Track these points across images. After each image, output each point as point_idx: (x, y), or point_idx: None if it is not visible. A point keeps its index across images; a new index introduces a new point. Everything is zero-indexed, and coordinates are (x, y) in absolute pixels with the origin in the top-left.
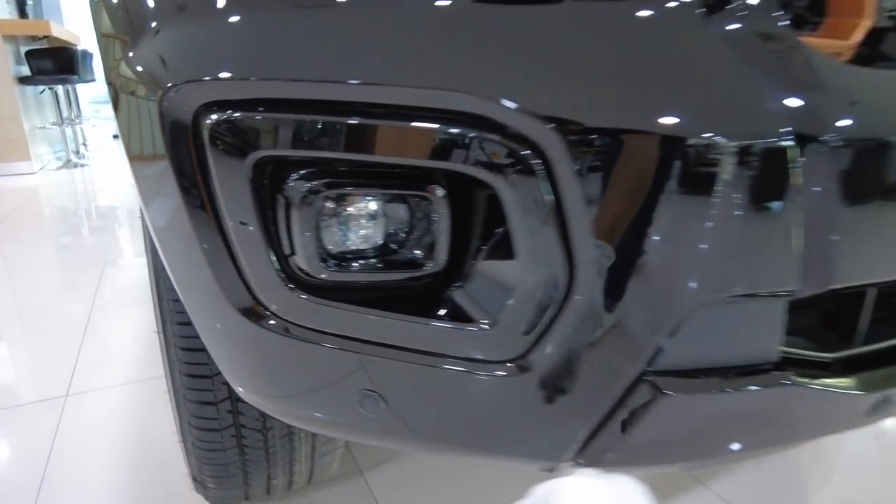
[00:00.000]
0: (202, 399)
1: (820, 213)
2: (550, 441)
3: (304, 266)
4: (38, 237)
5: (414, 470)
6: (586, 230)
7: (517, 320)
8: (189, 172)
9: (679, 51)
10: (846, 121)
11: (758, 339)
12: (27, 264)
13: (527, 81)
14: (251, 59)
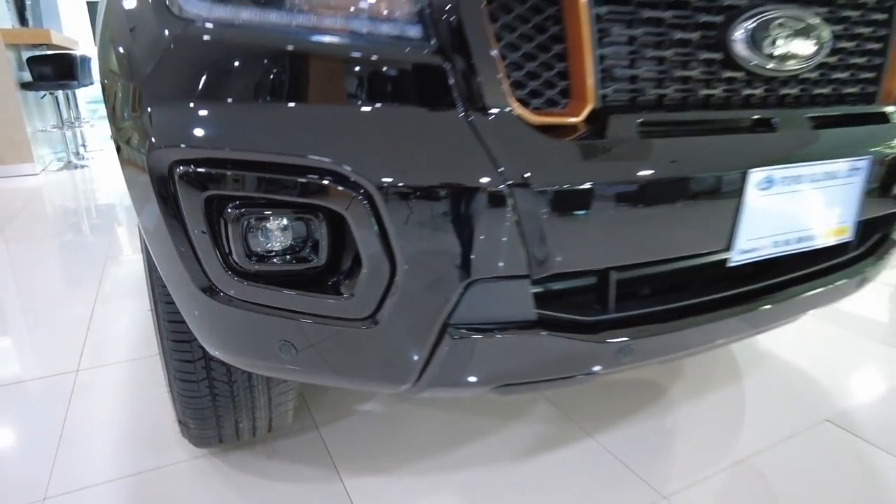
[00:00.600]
0: (183, 358)
1: (532, 229)
2: (396, 373)
3: (237, 261)
4: (44, 235)
5: (362, 426)
6: (398, 242)
7: (366, 294)
8: (166, 198)
9: (448, 139)
10: (543, 175)
11: (517, 304)
12: (36, 260)
13: (358, 157)
14: (202, 136)
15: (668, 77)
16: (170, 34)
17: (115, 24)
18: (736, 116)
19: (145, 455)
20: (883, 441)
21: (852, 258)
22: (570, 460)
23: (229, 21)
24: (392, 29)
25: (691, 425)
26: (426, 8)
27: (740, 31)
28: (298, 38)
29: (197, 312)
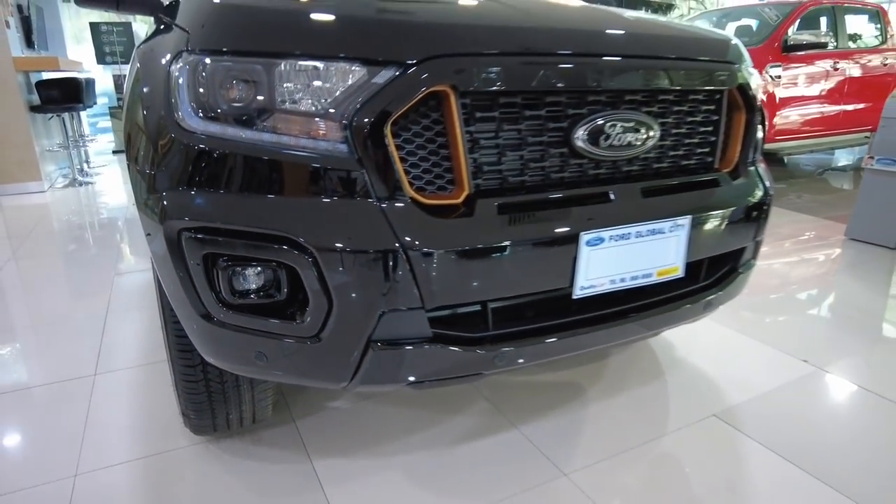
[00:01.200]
0: (186, 363)
1: (422, 277)
2: (339, 370)
3: (225, 296)
4: (56, 253)
5: (330, 419)
6: (333, 286)
7: (312, 320)
8: (175, 252)
9: (365, 219)
10: (426, 242)
11: (418, 326)
12: (50, 276)
13: (305, 230)
14: (201, 213)
15: (525, 168)
16: (177, 141)
17: (137, 121)
18: (578, 193)
19: (155, 441)
20: (758, 434)
21: (698, 288)
22: (495, 446)
23: (219, 135)
24: (328, 146)
25: (600, 418)
26: (350, 132)
27: (580, 132)
28: (266, 149)
29: (197, 330)
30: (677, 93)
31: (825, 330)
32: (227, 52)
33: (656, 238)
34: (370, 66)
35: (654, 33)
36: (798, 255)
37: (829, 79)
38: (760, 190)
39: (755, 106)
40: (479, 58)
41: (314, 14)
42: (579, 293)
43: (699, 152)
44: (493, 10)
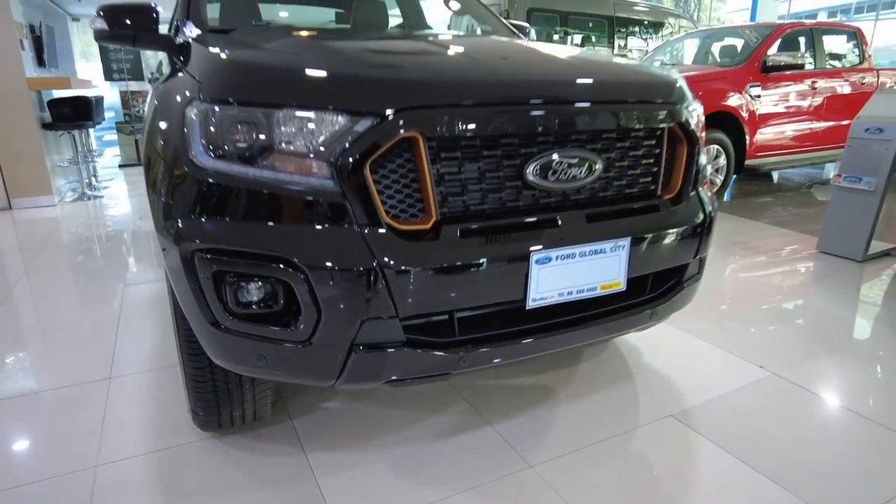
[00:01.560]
0: (196, 365)
1: (396, 291)
2: (327, 371)
3: (231, 307)
4: (68, 265)
5: (323, 417)
6: (321, 299)
7: (304, 328)
8: (189, 270)
9: (348, 242)
10: (398, 261)
11: (394, 332)
12: (64, 288)
13: (298, 251)
14: (211, 237)
15: (484, 198)
16: (191, 175)
17: (156, 152)
18: (530, 219)
19: (167, 436)
20: (710, 433)
21: (643, 300)
22: (471, 441)
23: (226, 171)
24: (318, 182)
25: (566, 418)
26: (336, 170)
27: (531, 168)
28: (266, 183)
29: (206, 336)
30: (620, 131)
31: (785, 338)
32: (232, 103)
33: (598, 257)
34: (353, 116)
35: (599, 80)
36: (770, 267)
37: (807, 97)
38: (700, 214)
39: (696, 140)
40: (443, 109)
41: (306, 71)
42: (532, 304)
43: (642, 182)
44: (454, 66)
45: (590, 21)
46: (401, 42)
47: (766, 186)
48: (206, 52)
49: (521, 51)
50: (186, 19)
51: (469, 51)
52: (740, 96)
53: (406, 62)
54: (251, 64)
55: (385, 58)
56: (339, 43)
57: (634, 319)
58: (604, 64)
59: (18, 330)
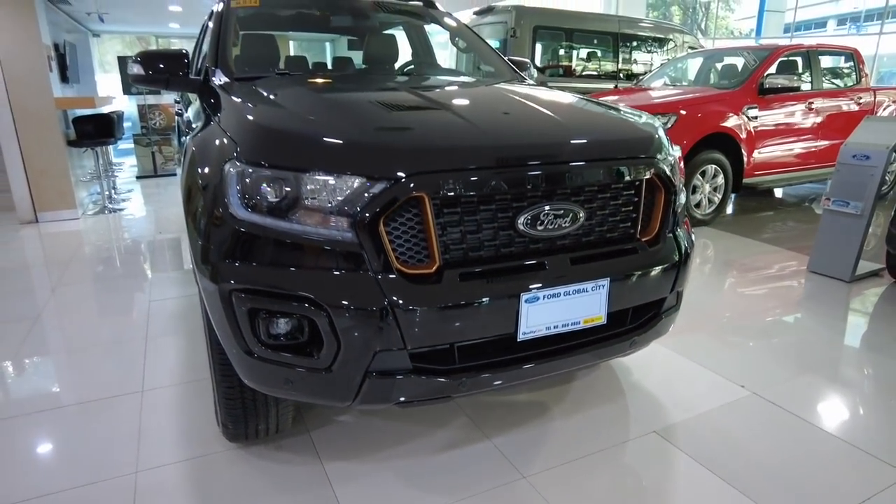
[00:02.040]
0: (227, 384)
1: (405, 327)
2: (345, 394)
3: (262, 338)
4: (94, 279)
5: (338, 430)
6: (341, 332)
7: (325, 357)
8: (227, 306)
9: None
10: (406, 301)
11: (402, 361)
12: (92, 303)
13: (321, 292)
14: (244, 278)
15: (481, 246)
16: (228, 224)
17: (197, 199)
18: (520, 263)
19: (197, 446)
20: (689, 448)
21: (623, 331)
22: (470, 454)
23: (259, 223)
24: (338, 234)
25: (559, 432)
26: (354, 224)
27: (522, 219)
28: (294, 234)
29: (240, 362)
30: (602, 184)
31: (768, 358)
32: (266, 165)
33: (581, 295)
34: (369, 179)
35: (585, 140)
36: (760, 287)
37: (804, 118)
38: (676, 253)
39: (672, 187)
40: (446, 172)
41: (329, 139)
42: (522, 336)
43: (622, 227)
44: (457, 131)
45: (595, 38)
46: (411, 96)
47: (767, 202)
48: (239, 110)
49: (517, 107)
50: (215, 67)
51: (472, 108)
52: (738, 117)
53: (415, 125)
54: (281, 131)
55: (397, 120)
56: (356, 98)
57: (616, 348)
58: (590, 120)
59: (54, 345)
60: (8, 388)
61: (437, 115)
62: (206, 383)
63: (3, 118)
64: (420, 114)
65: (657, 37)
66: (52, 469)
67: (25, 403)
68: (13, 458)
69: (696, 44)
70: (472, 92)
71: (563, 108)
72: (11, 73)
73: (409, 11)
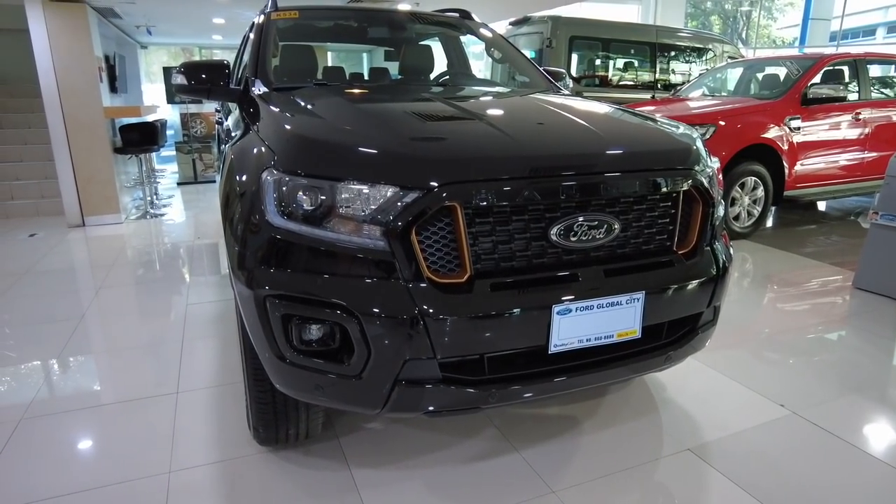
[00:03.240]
0: (260, 389)
1: (435, 335)
2: (374, 401)
3: (295, 344)
4: (136, 283)
5: (367, 437)
6: (371, 340)
7: (356, 364)
8: (261, 312)
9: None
10: (437, 310)
11: (431, 370)
12: (133, 305)
13: (354, 300)
14: (279, 284)
15: (513, 256)
16: (264, 231)
17: (234, 206)
18: (553, 274)
19: (230, 448)
20: (724, 468)
21: (658, 345)
22: (498, 466)
23: (295, 230)
24: (371, 242)
25: (590, 447)
26: (387, 232)
27: (555, 229)
28: (327, 241)
29: (273, 367)
30: (638, 196)
31: (810, 377)
32: (302, 174)
33: (615, 308)
34: (402, 189)
35: (622, 150)
36: (801, 303)
37: (850, 128)
38: (714, 267)
39: (710, 199)
40: (479, 182)
41: (363, 149)
42: (553, 349)
43: (658, 239)
44: (490, 141)
45: (632, 48)
46: (445, 107)
47: (810, 216)
48: (276, 120)
49: (552, 117)
50: (255, 77)
51: (505, 118)
52: (779, 128)
53: (449, 136)
54: (317, 140)
55: (431, 131)
56: (391, 109)
57: (650, 363)
58: (626, 130)
59: (97, 344)
60: (53, 385)
61: (470, 125)
62: (239, 387)
63: (56, 127)
64: (454, 124)
65: (696, 46)
66: (91, 466)
67: (68, 400)
68: (56, 452)
69: (737, 53)
70: (507, 102)
71: (598, 118)
72: (66, 85)
73: (446, 22)
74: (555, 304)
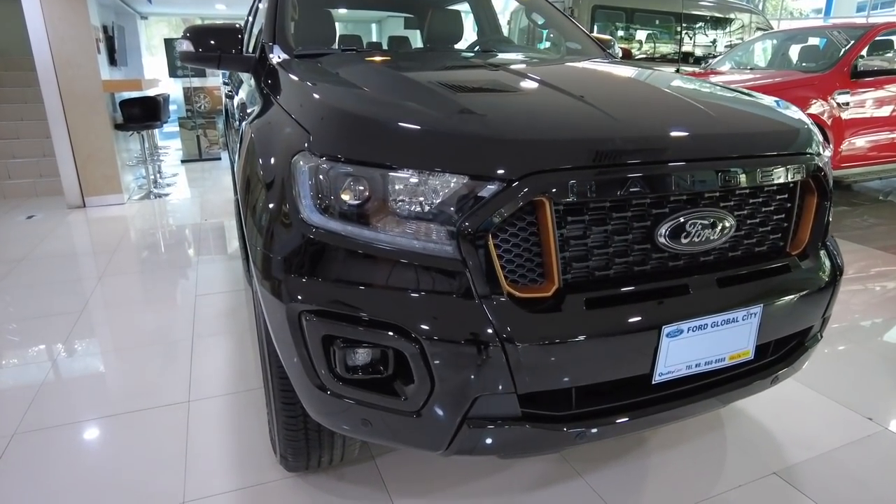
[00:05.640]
0: (290, 415)
1: (515, 364)
2: (435, 442)
3: (337, 369)
4: (140, 271)
5: (407, 459)
6: (436, 370)
7: (415, 398)
8: (296, 331)
9: (466, 313)
10: (519, 334)
11: (508, 407)
12: (136, 297)
13: (414, 321)
14: (316, 298)
15: (610, 263)
16: (299, 232)
17: (257, 197)
18: (659, 286)
19: (251, 473)
20: (817, 495)
21: (766, 364)
22: (560, 493)
23: (339, 231)
24: (436, 248)
25: (660, 470)
26: (457, 235)
27: (663, 230)
28: (379, 246)
29: (310, 398)
30: (755, 187)
31: (891, 382)
32: (345, 160)
33: (730, 327)
34: (477, 180)
35: (735, 132)
36: (861, 295)
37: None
38: (829, 270)
39: (827, 191)
40: (572, 171)
41: (423, 128)
42: (658, 378)
43: (771, 238)
44: (577, 119)
45: (656, 18)
46: (510, 76)
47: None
48: (306, 92)
49: (645, 90)
50: (273, 43)
51: (586, 91)
52: (825, 103)
53: (526, 113)
54: (362, 117)
55: (503, 104)
56: (445, 79)
57: (756, 386)
58: (736, 108)
59: (99, 345)
60: (49, 393)
61: (552, 98)
62: (256, 394)
63: (53, 102)
64: (525, 96)
65: (722, 17)
66: (90, 495)
67: (66, 412)
68: (51, 478)
69: (766, 24)
70: (577, 71)
71: (697, 93)
72: (61, 57)
73: None
74: (664, 324)
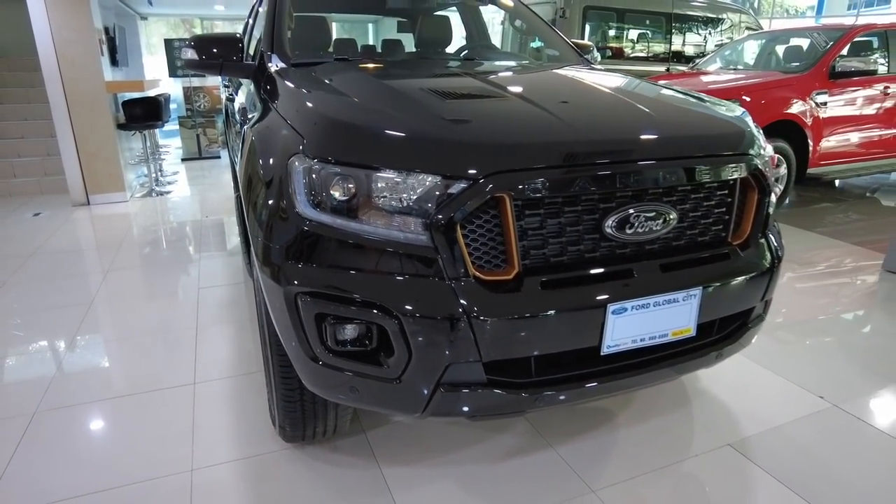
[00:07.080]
0: (287, 388)
1: (480, 337)
2: (413, 405)
3: (328, 343)
4: (144, 265)
5: (394, 432)
6: (413, 342)
7: (395, 367)
8: (293, 310)
9: (438, 293)
10: (483, 311)
11: (475, 374)
12: (142, 289)
13: (394, 299)
14: (311, 281)
15: (564, 251)
16: (294, 224)
17: (258, 194)
18: (607, 270)
19: (252, 444)
20: (768, 465)
21: (709, 342)
22: (533, 463)
23: (329, 223)
24: (412, 237)
25: (626, 442)
26: (430, 226)
27: (610, 221)
28: (363, 236)
29: (305, 368)
30: (696, 184)
31: (846, 366)
32: (335, 162)
33: (671, 306)
34: (448, 179)
35: (678, 135)
36: (830, 287)
37: (878, 103)
38: (768, 258)
39: (766, 187)
40: (530, 172)
41: (402, 135)
42: (606, 350)
43: (713, 229)
44: (538, 126)
45: (647, 18)
46: (484, 85)
47: (827, 193)
48: (301, 100)
49: (599, 96)
50: (271, 52)
51: (551, 98)
52: (804, 103)
53: (493, 117)
54: (349, 124)
55: (472, 112)
56: (426, 88)
57: (702, 361)
58: (681, 112)
59: (108, 333)
60: (66, 376)
61: (514, 105)
62: (257, 377)
63: (57, 102)
64: (496, 104)
65: (712, 17)
66: (110, 463)
67: (83, 392)
68: (74, 448)
69: (755, 24)
70: (546, 79)
71: (646, 97)
72: (65, 58)
73: None
74: (609, 302)
